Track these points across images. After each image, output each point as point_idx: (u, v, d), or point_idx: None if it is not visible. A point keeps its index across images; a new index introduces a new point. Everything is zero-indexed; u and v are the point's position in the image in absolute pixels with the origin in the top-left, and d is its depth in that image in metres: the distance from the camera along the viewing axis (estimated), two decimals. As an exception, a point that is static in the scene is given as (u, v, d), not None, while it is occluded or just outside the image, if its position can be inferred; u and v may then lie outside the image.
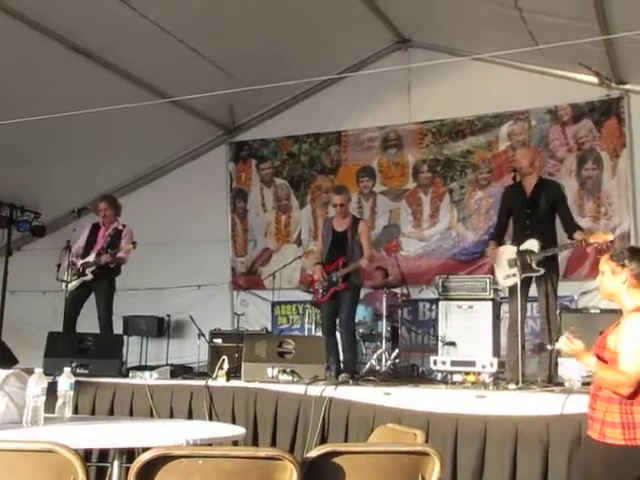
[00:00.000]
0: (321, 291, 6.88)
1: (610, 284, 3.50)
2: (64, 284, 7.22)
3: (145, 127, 8.82)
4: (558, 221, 6.15)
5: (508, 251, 6.16)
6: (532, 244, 5.85)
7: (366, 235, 6.92)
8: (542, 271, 5.84)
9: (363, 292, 8.51)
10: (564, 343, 3.44)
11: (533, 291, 6.06)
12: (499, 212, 6.64)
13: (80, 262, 7.33)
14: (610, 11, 6.29)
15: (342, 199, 6.98)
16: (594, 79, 8.08)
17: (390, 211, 9.39)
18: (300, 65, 8.30)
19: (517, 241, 6.05)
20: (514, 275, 5.95)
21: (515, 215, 6.29)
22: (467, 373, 5.78)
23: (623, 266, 3.45)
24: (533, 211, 5.94)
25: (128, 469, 2.27)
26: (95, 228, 7.58)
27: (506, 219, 6.41)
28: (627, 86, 8.12)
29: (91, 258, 7.32)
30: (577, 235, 5.86)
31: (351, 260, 6.76)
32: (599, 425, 3.25)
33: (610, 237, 5.78)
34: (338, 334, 7.02)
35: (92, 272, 7.25)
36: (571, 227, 6.03)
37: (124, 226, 7.51)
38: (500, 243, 6.34)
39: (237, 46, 8.03)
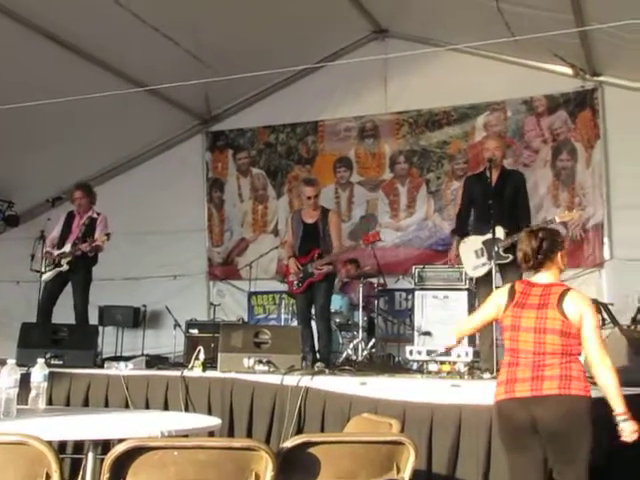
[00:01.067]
0: (296, 282, 6.92)
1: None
2: (39, 274, 7.15)
3: (120, 116, 8.74)
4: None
5: (472, 242, 6.20)
6: (497, 232, 5.86)
7: (336, 225, 7.02)
8: (510, 257, 5.88)
9: (340, 282, 8.58)
10: None
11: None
12: (461, 203, 6.64)
13: (56, 252, 7.26)
14: (585, 3, 6.33)
15: (314, 191, 7.02)
16: (569, 70, 8.14)
17: (367, 201, 9.41)
18: (277, 55, 8.27)
19: (480, 231, 6.10)
20: (483, 265, 6.00)
21: (477, 205, 6.31)
22: (442, 362, 5.81)
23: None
24: (497, 200, 5.95)
25: (103, 461, 2.26)
26: (69, 217, 7.51)
27: (468, 209, 6.44)
28: (601, 78, 8.18)
29: (67, 248, 7.27)
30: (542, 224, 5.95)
31: (325, 251, 6.83)
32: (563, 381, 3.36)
33: (576, 215, 5.84)
34: (313, 324, 7.05)
35: (68, 262, 7.19)
36: (528, 217, 6.11)
37: (98, 214, 7.46)
38: (464, 234, 6.36)
39: (213, 35, 7.98)
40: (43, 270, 7.14)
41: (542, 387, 3.35)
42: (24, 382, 3.26)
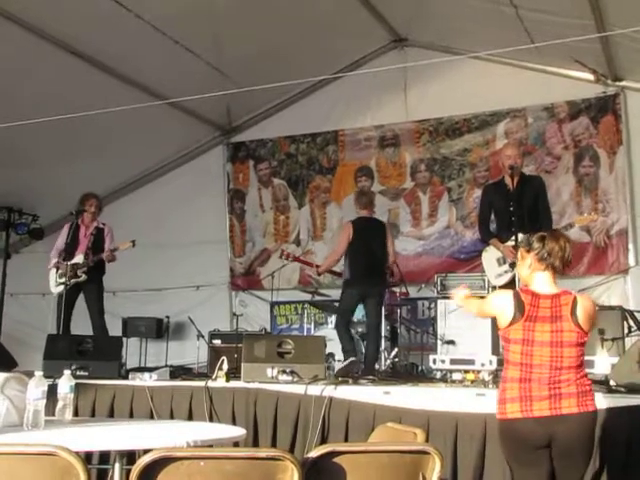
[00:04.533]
0: None
1: (520, 270, 3.64)
2: (62, 286, 7.20)
3: (142, 129, 8.82)
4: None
5: (494, 250, 6.19)
6: (518, 238, 5.84)
7: (338, 237, 7.35)
8: None
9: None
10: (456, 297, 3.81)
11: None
12: (481, 211, 6.62)
13: (69, 264, 7.27)
14: (606, 8, 6.30)
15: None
16: (590, 76, 8.08)
17: (389, 210, 9.38)
18: (296, 65, 8.30)
19: (504, 239, 6.08)
20: (505, 272, 5.98)
21: (498, 212, 6.29)
22: (466, 371, 5.78)
23: (528, 251, 3.54)
24: (518, 207, 5.93)
25: (129, 471, 2.27)
26: (75, 229, 7.47)
27: (488, 218, 6.42)
28: (623, 83, 8.12)
29: (79, 259, 7.29)
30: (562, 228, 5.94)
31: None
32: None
33: (594, 217, 5.79)
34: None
35: (84, 272, 7.23)
36: (550, 221, 6.09)
37: (104, 224, 7.52)
38: (494, 236, 6.34)
39: (233, 46, 8.03)
40: (57, 282, 7.24)
41: (561, 405, 3.29)
42: (51, 393, 3.28)
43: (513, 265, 5.89)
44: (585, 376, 3.38)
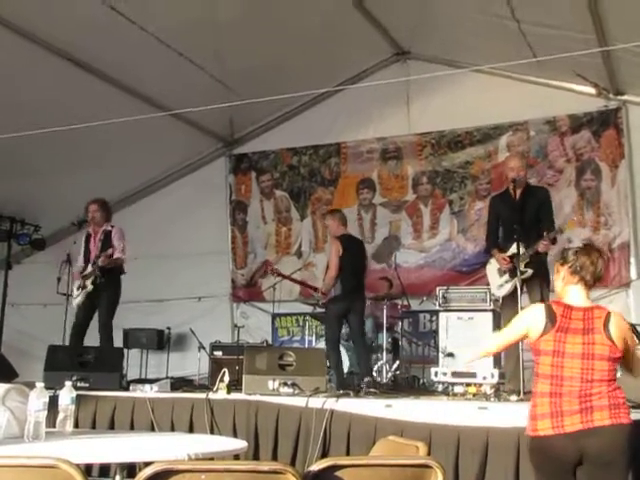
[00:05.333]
0: None
1: (556, 283, 3.60)
2: (71, 297, 7.20)
3: (145, 140, 8.84)
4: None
5: (495, 261, 6.21)
6: (517, 248, 5.84)
7: (331, 252, 7.27)
8: (530, 272, 5.86)
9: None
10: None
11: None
12: (489, 223, 6.64)
13: (82, 275, 7.28)
14: (607, 23, 6.33)
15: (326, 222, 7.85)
16: (592, 90, 8.11)
17: (390, 222, 9.40)
18: (299, 77, 8.34)
19: (503, 249, 6.12)
20: (506, 282, 5.99)
21: (504, 222, 6.32)
22: (468, 384, 5.77)
23: (562, 264, 3.52)
24: (521, 216, 5.95)
25: (130, 484, 2.27)
26: (87, 238, 7.48)
27: (497, 229, 6.44)
28: (625, 97, 8.15)
29: (89, 268, 7.27)
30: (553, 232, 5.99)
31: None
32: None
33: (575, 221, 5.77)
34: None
35: (92, 282, 7.16)
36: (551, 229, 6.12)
37: (113, 226, 7.40)
38: (498, 248, 6.35)
39: (236, 59, 8.06)
40: (75, 294, 7.17)
41: (593, 418, 3.23)
42: (51, 405, 3.27)
43: (513, 275, 5.90)
44: (618, 389, 3.33)
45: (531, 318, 3.46)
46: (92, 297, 7.23)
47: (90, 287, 7.18)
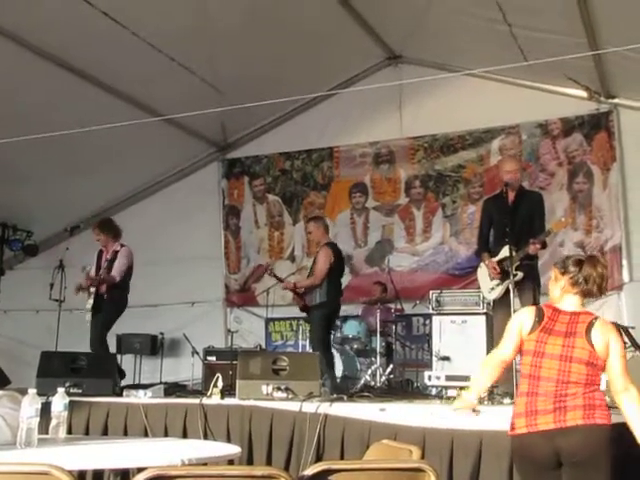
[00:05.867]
0: None
1: (551, 290, 3.61)
2: (87, 308, 7.24)
3: (137, 145, 8.84)
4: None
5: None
6: (507, 251, 5.84)
7: (320, 258, 7.24)
8: (520, 275, 5.86)
9: (357, 307, 8.58)
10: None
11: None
12: (480, 225, 6.64)
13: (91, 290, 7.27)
14: (599, 26, 6.36)
15: (309, 227, 7.79)
16: (583, 93, 8.14)
17: (383, 226, 9.41)
18: (292, 82, 8.34)
19: (494, 252, 6.14)
20: (497, 285, 5.99)
21: (495, 225, 6.32)
22: (462, 388, 5.77)
23: (563, 273, 3.54)
24: (513, 219, 5.95)
25: (123, 490, 2.26)
26: (99, 255, 7.52)
27: (488, 231, 6.44)
28: (616, 100, 8.19)
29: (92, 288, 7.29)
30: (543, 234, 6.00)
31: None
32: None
33: (569, 221, 5.75)
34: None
35: (94, 299, 7.17)
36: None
37: (122, 246, 7.44)
38: (488, 252, 6.35)
39: (228, 63, 8.06)
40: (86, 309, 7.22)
41: (566, 418, 3.26)
42: (44, 411, 3.26)
43: (504, 278, 5.91)
44: (596, 392, 3.33)
45: (523, 317, 3.52)
46: (94, 312, 7.25)
47: (90, 303, 7.20)
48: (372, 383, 7.42)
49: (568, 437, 3.25)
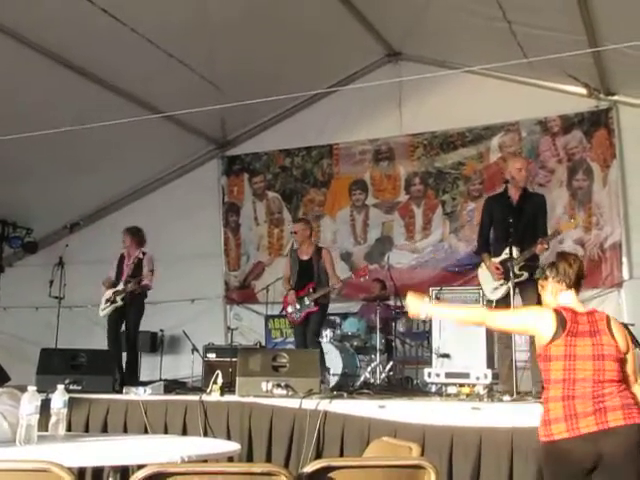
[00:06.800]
0: (296, 315, 7.27)
1: (545, 299, 3.63)
2: (105, 310, 7.40)
3: (137, 142, 8.83)
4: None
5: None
6: (512, 251, 5.83)
7: (330, 262, 7.40)
8: (525, 275, 5.85)
9: (357, 305, 8.58)
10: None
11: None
12: (481, 223, 6.60)
13: (112, 291, 7.44)
14: (598, 23, 6.35)
15: (296, 228, 7.68)
16: (583, 90, 8.14)
17: (383, 223, 9.41)
18: (292, 79, 8.34)
19: (497, 252, 6.09)
20: (501, 285, 5.98)
21: (498, 224, 6.28)
22: (461, 385, 5.77)
23: (546, 278, 3.58)
24: (517, 220, 5.94)
25: (123, 487, 2.26)
26: (121, 259, 7.69)
27: (489, 230, 6.42)
28: (615, 97, 8.18)
29: (120, 286, 7.44)
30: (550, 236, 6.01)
31: (319, 285, 7.22)
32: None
33: (578, 221, 5.75)
34: None
35: (122, 299, 7.35)
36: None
37: (144, 253, 7.65)
38: (488, 252, 6.33)
39: (228, 60, 8.05)
40: (102, 306, 7.42)
41: (607, 419, 3.21)
42: (44, 408, 3.25)
43: (508, 278, 5.89)
44: (628, 390, 3.33)
45: (541, 322, 3.43)
46: (120, 311, 7.43)
47: (120, 303, 7.38)
48: (372, 380, 7.43)
49: (612, 438, 3.20)
